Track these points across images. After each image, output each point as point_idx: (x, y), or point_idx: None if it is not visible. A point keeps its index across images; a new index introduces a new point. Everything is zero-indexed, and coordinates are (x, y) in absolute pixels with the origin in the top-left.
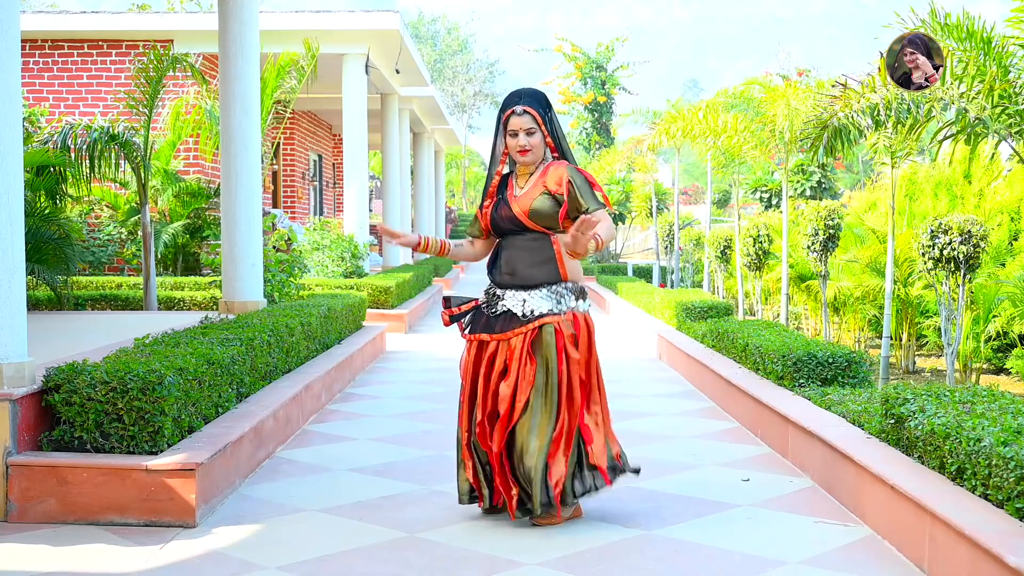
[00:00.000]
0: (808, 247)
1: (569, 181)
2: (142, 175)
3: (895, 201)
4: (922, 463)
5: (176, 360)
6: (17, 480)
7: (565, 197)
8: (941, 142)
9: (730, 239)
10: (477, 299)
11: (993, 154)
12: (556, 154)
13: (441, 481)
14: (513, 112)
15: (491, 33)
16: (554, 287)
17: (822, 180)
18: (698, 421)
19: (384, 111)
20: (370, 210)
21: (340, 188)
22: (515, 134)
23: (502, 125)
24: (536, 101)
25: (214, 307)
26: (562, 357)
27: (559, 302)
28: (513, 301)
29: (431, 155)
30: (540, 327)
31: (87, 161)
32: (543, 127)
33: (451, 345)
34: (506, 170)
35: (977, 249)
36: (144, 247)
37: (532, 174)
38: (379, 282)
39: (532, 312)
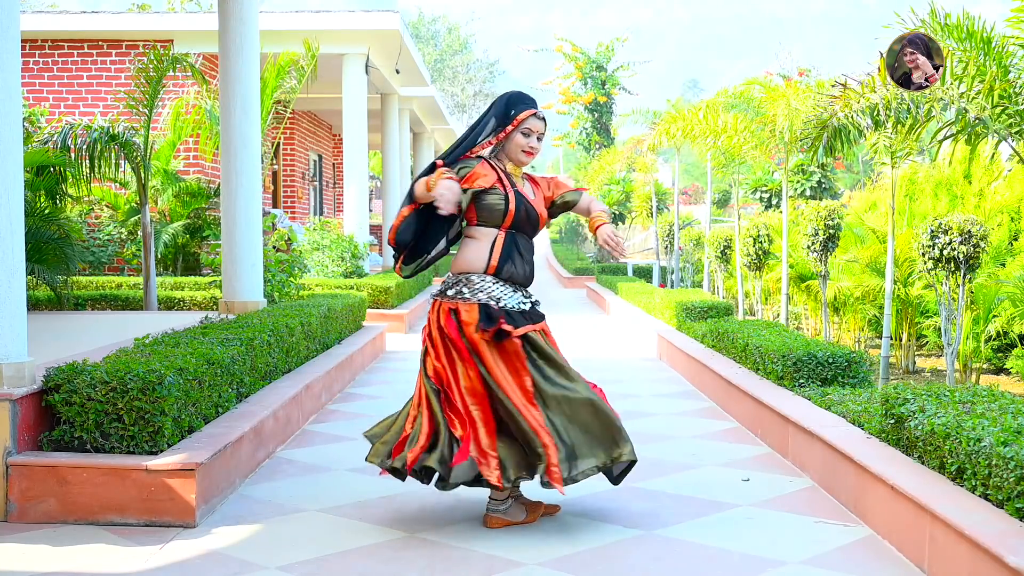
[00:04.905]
0: (808, 247)
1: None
2: (142, 175)
3: (895, 201)
4: (922, 463)
5: (176, 360)
6: (17, 480)
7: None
8: (941, 142)
9: (730, 239)
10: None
11: (993, 154)
12: None
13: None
14: (535, 114)
15: (491, 33)
16: None
17: (822, 180)
18: (698, 421)
19: (384, 111)
20: (370, 210)
21: (340, 188)
22: (528, 134)
23: (512, 120)
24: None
25: (214, 307)
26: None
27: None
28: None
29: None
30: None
31: (87, 161)
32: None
33: None
34: (484, 153)
35: (977, 249)
36: (144, 247)
37: (522, 179)
38: (379, 282)
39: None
